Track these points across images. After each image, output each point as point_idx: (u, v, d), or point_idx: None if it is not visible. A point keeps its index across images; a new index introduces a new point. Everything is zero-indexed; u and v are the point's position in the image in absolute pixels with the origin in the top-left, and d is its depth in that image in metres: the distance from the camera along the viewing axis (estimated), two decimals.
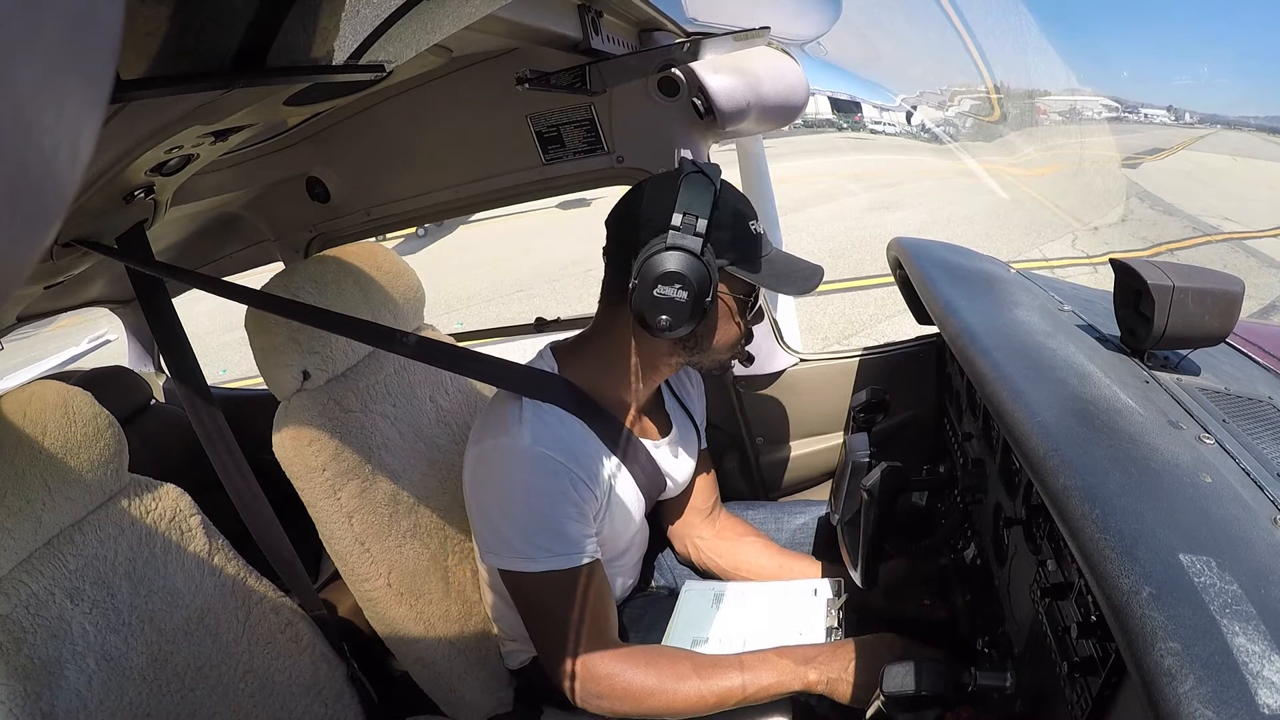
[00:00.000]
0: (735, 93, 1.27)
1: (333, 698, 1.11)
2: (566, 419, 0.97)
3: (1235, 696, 0.41)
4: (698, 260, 0.88)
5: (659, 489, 1.13)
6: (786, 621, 1.10)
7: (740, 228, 0.94)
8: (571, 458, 0.93)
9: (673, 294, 0.88)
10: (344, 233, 1.69)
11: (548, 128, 1.39)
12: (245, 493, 1.08)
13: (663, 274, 0.87)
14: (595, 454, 0.98)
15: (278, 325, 1.05)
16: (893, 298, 3.21)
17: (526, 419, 0.94)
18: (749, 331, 1.03)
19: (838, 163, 12.41)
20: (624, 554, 1.15)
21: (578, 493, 0.93)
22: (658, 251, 0.88)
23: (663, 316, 0.89)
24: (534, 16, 0.89)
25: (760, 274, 0.95)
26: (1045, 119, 16.69)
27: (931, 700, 0.81)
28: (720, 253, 0.92)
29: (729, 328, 0.99)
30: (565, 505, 0.92)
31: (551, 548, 0.92)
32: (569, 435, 0.95)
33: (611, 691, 0.93)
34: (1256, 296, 4.40)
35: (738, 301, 0.98)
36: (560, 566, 0.92)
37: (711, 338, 0.98)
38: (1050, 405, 0.72)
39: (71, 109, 0.14)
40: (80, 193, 0.76)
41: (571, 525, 0.93)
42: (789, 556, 1.25)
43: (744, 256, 0.94)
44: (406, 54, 0.66)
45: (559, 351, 1.04)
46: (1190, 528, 0.54)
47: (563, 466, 0.92)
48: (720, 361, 1.02)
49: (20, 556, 0.83)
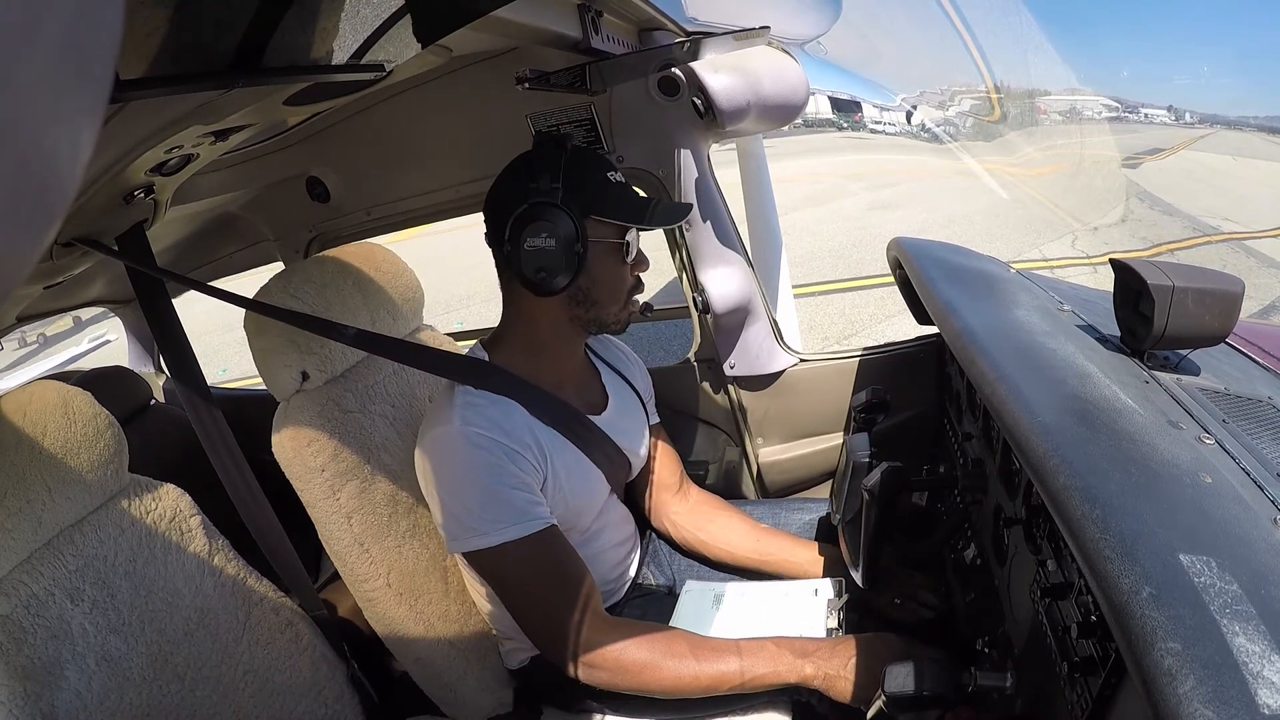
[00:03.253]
0: (735, 92, 1.27)
1: (333, 698, 1.11)
2: (499, 401, 1.00)
3: (1235, 696, 0.41)
4: (556, 208, 0.94)
5: (618, 463, 1.14)
6: (787, 621, 1.10)
7: (595, 177, 0.99)
8: (502, 433, 0.96)
9: (541, 244, 0.94)
10: (344, 233, 1.69)
11: (548, 127, 1.39)
12: (245, 493, 1.08)
13: (527, 228, 0.94)
14: (529, 428, 1.00)
15: (277, 326, 1.05)
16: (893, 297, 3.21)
17: (457, 405, 0.98)
18: (637, 279, 1.07)
19: (837, 162, 12.40)
20: (598, 535, 1.14)
21: (514, 464, 0.96)
22: (520, 212, 0.95)
23: (539, 270, 0.95)
24: (534, 16, 0.89)
25: (622, 214, 0.99)
26: (1045, 119, 16.71)
27: (933, 700, 0.81)
28: (582, 203, 0.97)
29: (612, 275, 1.03)
30: (503, 475, 0.95)
31: (499, 518, 0.94)
32: (499, 414, 0.98)
33: (603, 662, 0.94)
34: (1256, 296, 4.40)
35: (613, 247, 1.01)
36: (514, 536, 0.94)
37: (597, 289, 1.02)
38: (1050, 405, 0.72)
39: (71, 109, 0.14)
40: (80, 192, 0.76)
41: (515, 494, 0.95)
42: (766, 534, 1.26)
43: (605, 202, 0.99)
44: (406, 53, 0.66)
45: (487, 344, 1.08)
46: (1190, 528, 0.54)
47: (492, 440, 0.95)
48: (616, 315, 1.06)
49: (20, 557, 0.83)
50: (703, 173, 1.38)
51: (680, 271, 1.50)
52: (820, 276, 5.69)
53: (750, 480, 1.65)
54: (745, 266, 1.47)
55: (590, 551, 1.11)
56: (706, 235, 1.42)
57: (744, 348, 1.52)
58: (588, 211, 0.97)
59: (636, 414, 1.22)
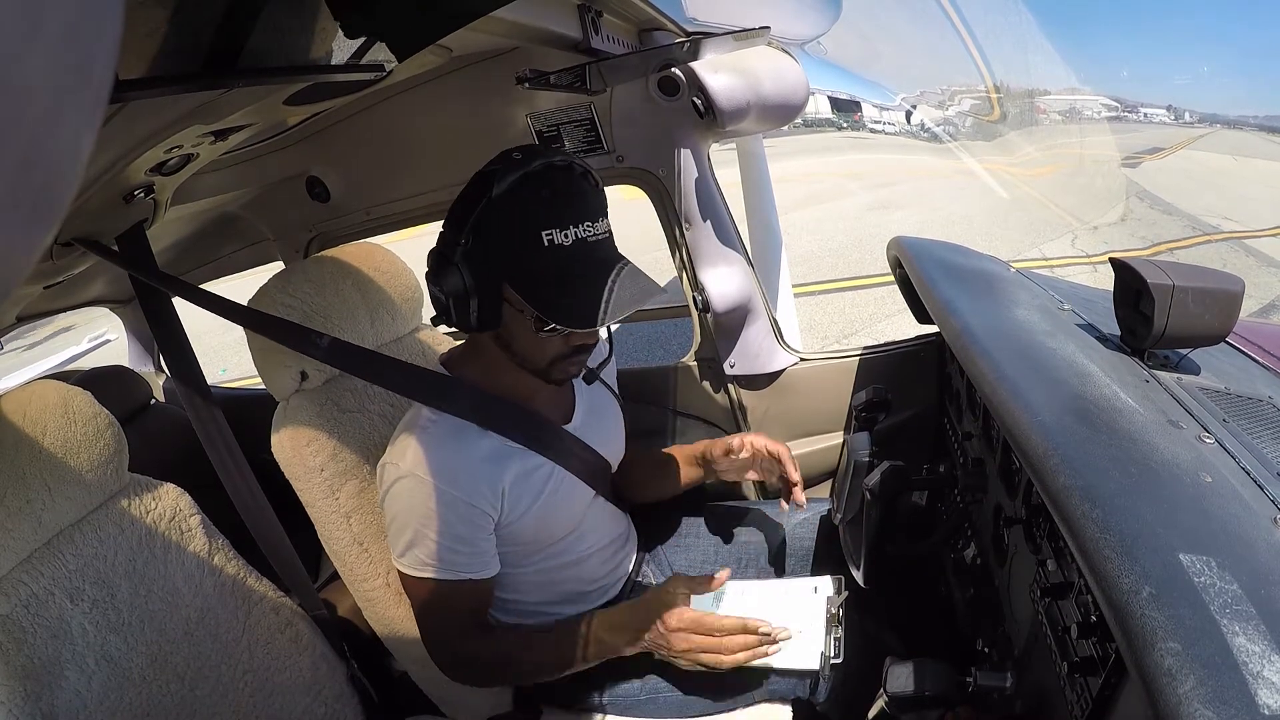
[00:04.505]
0: (735, 92, 1.27)
1: (333, 698, 1.11)
2: (461, 431, 0.96)
3: (1235, 696, 0.41)
4: (452, 264, 0.87)
5: (596, 466, 1.11)
6: (786, 619, 1.10)
7: (520, 237, 0.84)
8: (447, 479, 0.92)
9: (436, 292, 0.90)
10: (344, 233, 1.69)
11: (548, 127, 1.39)
12: (245, 493, 1.08)
13: (427, 272, 0.91)
14: (486, 458, 0.96)
15: None
16: (892, 297, 3.21)
17: (412, 440, 0.94)
18: (571, 350, 0.94)
19: (837, 162, 12.40)
20: (582, 538, 1.12)
21: (453, 513, 0.93)
22: (431, 249, 0.91)
23: (442, 313, 0.91)
24: (534, 16, 0.89)
25: (537, 297, 0.85)
26: (1045, 118, 16.71)
27: (934, 700, 0.81)
28: (494, 264, 0.86)
29: (530, 343, 0.92)
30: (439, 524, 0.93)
31: (424, 560, 0.95)
32: (452, 450, 0.94)
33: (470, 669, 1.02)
34: (1256, 296, 4.39)
35: (533, 319, 0.88)
36: (435, 577, 0.95)
37: (516, 345, 0.94)
38: (1050, 405, 0.72)
39: (71, 108, 0.14)
40: (80, 192, 0.76)
41: (442, 545, 0.94)
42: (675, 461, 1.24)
43: (521, 273, 0.86)
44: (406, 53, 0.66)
45: (448, 363, 1.04)
46: (1190, 527, 0.54)
47: (435, 488, 0.92)
48: (542, 372, 0.96)
49: (20, 556, 0.83)
50: (703, 173, 1.38)
51: (680, 271, 1.50)
52: (820, 276, 5.68)
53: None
54: (745, 266, 1.47)
55: (575, 555, 1.10)
56: (706, 235, 1.42)
57: (744, 347, 1.53)
58: (500, 275, 0.87)
59: (608, 409, 1.18)
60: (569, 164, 0.86)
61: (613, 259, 0.89)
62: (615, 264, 0.88)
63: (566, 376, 0.98)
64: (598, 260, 0.87)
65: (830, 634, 1.06)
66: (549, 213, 0.84)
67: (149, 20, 0.48)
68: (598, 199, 0.89)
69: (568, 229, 0.84)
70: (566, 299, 0.85)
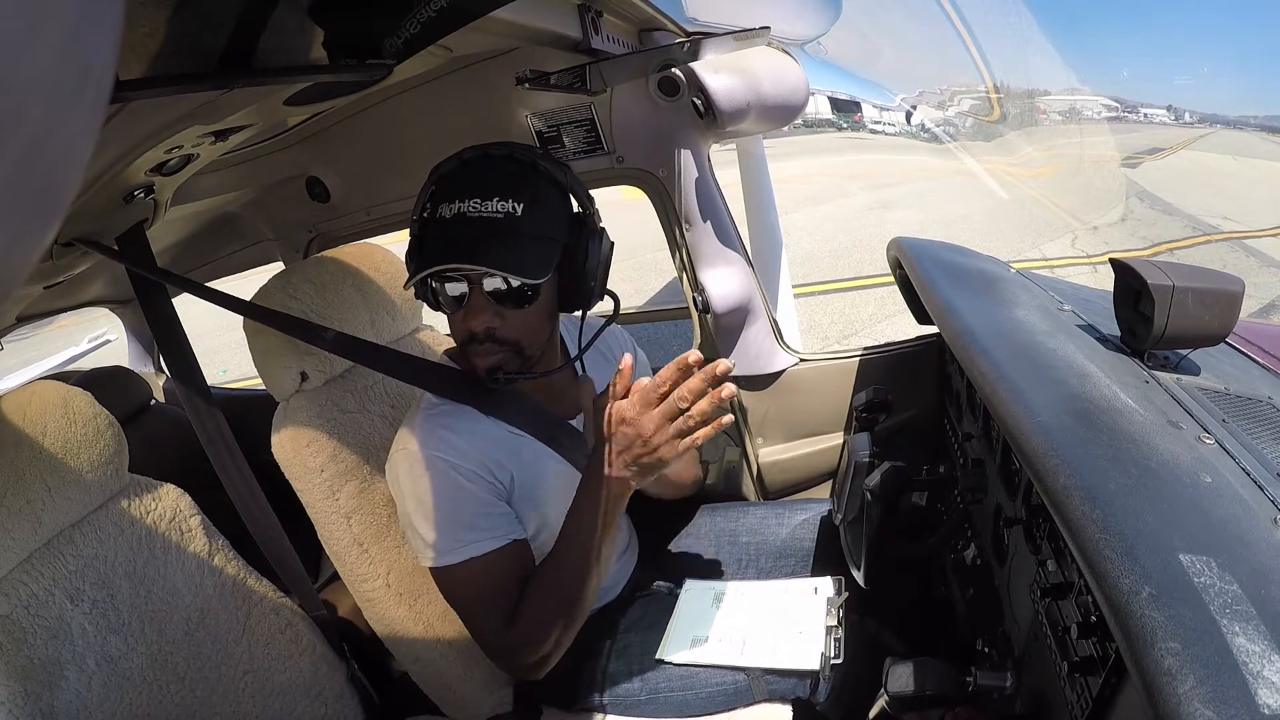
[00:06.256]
0: (735, 93, 1.27)
1: (333, 698, 1.11)
2: (464, 414, 0.99)
3: (1235, 696, 0.41)
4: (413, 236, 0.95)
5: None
6: (787, 620, 1.10)
7: (440, 209, 0.90)
8: (457, 453, 0.95)
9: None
10: (344, 233, 1.69)
11: (548, 127, 1.39)
12: (245, 493, 1.08)
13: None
14: (491, 441, 0.99)
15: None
16: (892, 297, 3.21)
17: (418, 424, 0.98)
18: (467, 333, 0.94)
19: (837, 162, 12.40)
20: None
21: (471, 482, 0.95)
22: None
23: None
24: (534, 16, 0.89)
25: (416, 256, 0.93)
26: (1045, 119, 16.71)
27: (934, 700, 0.81)
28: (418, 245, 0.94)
29: (450, 323, 0.98)
30: (459, 497, 0.94)
31: (459, 538, 0.94)
32: (459, 429, 0.97)
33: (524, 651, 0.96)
34: (1256, 296, 4.39)
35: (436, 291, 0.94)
36: (472, 554, 0.94)
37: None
38: (1050, 405, 0.72)
39: (72, 108, 0.14)
40: (80, 192, 0.76)
41: (471, 515, 0.95)
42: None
43: (421, 241, 0.94)
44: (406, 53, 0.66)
45: (453, 354, 1.07)
46: (1190, 528, 0.54)
47: (446, 462, 0.94)
48: (470, 363, 0.97)
49: (20, 557, 0.83)
50: (703, 173, 1.38)
51: (680, 271, 1.50)
52: (820, 276, 5.68)
53: (750, 481, 1.65)
54: (745, 266, 1.47)
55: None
56: (706, 235, 1.42)
57: (744, 347, 1.53)
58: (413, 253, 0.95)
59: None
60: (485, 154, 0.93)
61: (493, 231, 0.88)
62: (492, 234, 0.88)
63: (485, 366, 0.95)
64: (472, 229, 0.88)
65: (830, 634, 1.06)
66: (440, 190, 0.92)
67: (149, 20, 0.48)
68: (502, 180, 0.90)
69: (453, 203, 0.89)
70: (414, 262, 0.92)
